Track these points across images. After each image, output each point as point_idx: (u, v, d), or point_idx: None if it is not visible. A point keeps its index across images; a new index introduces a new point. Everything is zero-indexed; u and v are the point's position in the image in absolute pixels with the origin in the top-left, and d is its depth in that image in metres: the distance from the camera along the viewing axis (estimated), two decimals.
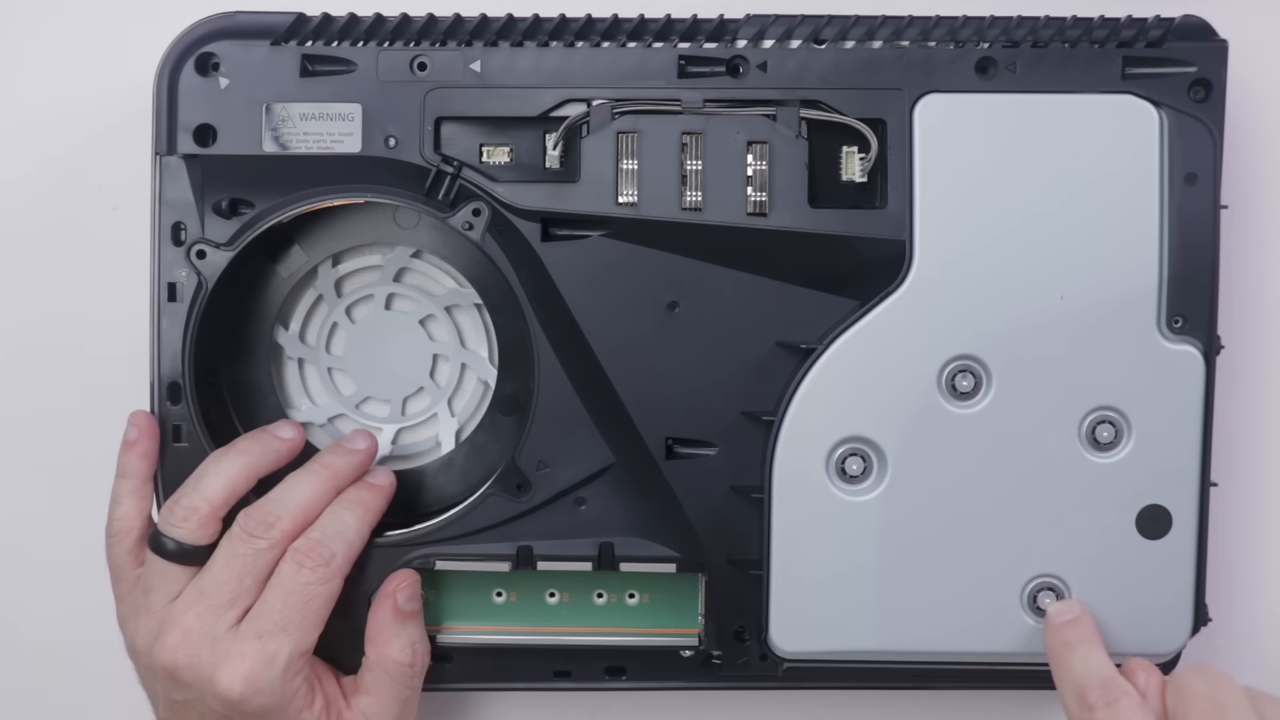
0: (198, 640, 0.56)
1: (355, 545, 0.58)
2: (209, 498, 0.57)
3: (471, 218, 0.59)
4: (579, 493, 0.61)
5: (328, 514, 0.58)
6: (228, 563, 0.57)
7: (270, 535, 0.57)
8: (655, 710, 0.66)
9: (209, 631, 0.56)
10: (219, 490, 0.57)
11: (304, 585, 0.57)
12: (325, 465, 0.59)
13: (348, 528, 0.58)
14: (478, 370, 0.64)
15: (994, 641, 0.59)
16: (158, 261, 0.60)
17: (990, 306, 0.58)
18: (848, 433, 0.59)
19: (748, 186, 0.59)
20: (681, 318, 0.60)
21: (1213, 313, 0.59)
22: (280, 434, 0.60)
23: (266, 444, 0.59)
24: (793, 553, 0.59)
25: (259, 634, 0.56)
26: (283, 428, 0.60)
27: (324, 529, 0.58)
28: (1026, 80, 0.58)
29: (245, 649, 0.56)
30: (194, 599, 0.57)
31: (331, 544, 0.57)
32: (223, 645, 0.56)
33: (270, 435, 0.59)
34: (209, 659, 0.56)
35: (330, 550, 0.57)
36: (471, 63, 0.59)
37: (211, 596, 0.56)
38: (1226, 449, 0.64)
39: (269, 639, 0.56)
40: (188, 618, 0.56)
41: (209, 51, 0.59)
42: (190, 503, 0.57)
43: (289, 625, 0.56)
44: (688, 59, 0.59)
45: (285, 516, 0.57)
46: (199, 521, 0.57)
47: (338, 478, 0.59)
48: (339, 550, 0.58)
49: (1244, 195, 0.64)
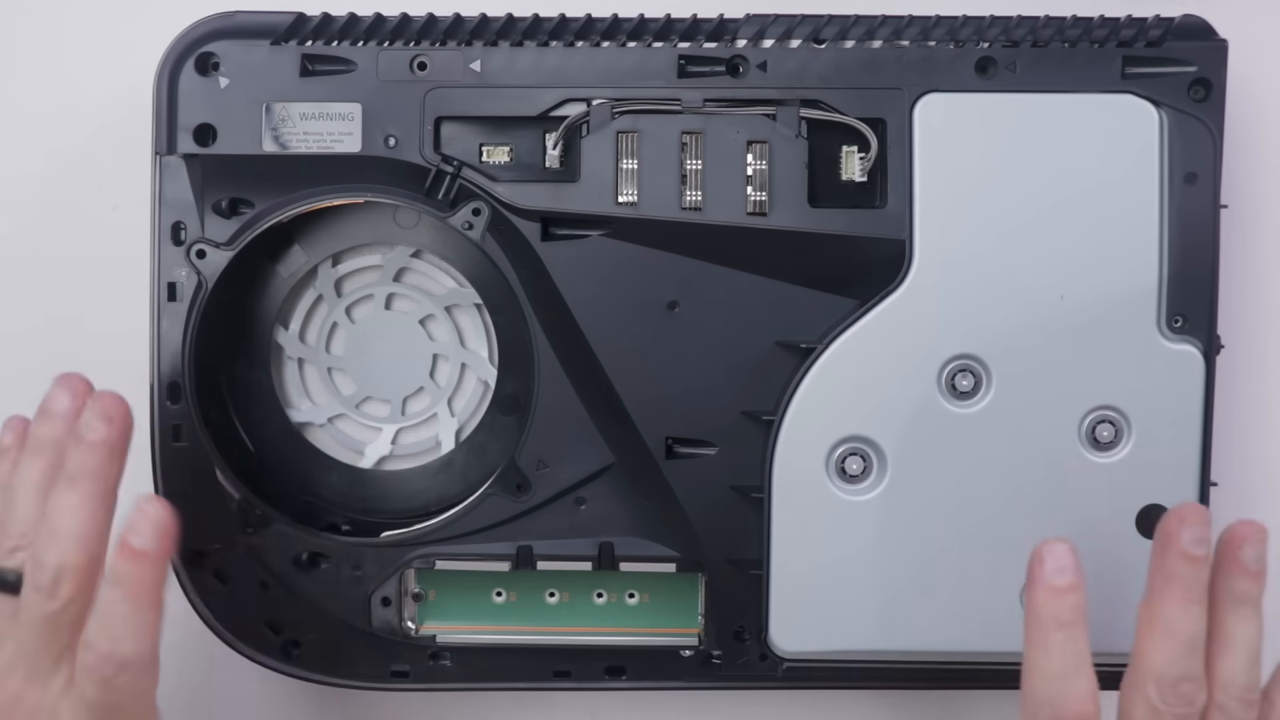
0: (31, 706, 0.51)
1: (140, 639, 0.49)
2: (33, 519, 0.51)
3: (471, 217, 0.59)
4: (579, 493, 0.61)
5: (100, 603, 0.49)
6: (31, 625, 0.50)
7: (58, 595, 0.50)
8: (655, 710, 0.66)
9: (41, 696, 0.51)
10: (39, 507, 0.51)
11: (102, 698, 0.50)
12: (76, 476, 0.50)
13: (124, 627, 0.49)
14: (478, 370, 0.64)
15: (994, 641, 0.59)
16: (158, 261, 0.60)
17: (990, 306, 0.58)
18: (848, 432, 0.59)
19: (748, 186, 0.59)
20: (681, 318, 0.60)
21: (1213, 313, 0.59)
22: (58, 408, 0.52)
23: (48, 432, 0.52)
24: (793, 552, 0.59)
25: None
26: (58, 396, 0.52)
27: (100, 632, 0.49)
28: (1026, 80, 0.58)
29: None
30: (16, 654, 0.51)
31: (114, 654, 0.49)
32: (62, 709, 0.51)
33: (50, 416, 0.52)
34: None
35: (114, 662, 0.49)
36: (471, 62, 0.59)
37: (32, 659, 0.51)
38: (1226, 449, 0.63)
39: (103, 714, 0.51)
40: (12, 683, 0.51)
41: (209, 51, 0.59)
42: (15, 530, 0.52)
43: (119, 706, 0.50)
44: (688, 59, 0.59)
45: (64, 569, 0.50)
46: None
47: (99, 482, 0.50)
48: (125, 658, 0.49)
49: (1244, 195, 0.64)
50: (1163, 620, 0.51)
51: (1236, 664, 0.52)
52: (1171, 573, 0.51)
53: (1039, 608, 0.51)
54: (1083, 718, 0.51)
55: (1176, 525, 0.51)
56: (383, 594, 0.61)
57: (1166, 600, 0.51)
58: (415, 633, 0.62)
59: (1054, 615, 0.51)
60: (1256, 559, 0.51)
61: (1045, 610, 0.51)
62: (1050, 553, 0.52)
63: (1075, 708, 0.51)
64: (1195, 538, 0.51)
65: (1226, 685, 0.52)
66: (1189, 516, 0.51)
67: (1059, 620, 0.51)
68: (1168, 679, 0.51)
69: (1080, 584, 0.51)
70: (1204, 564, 0.51)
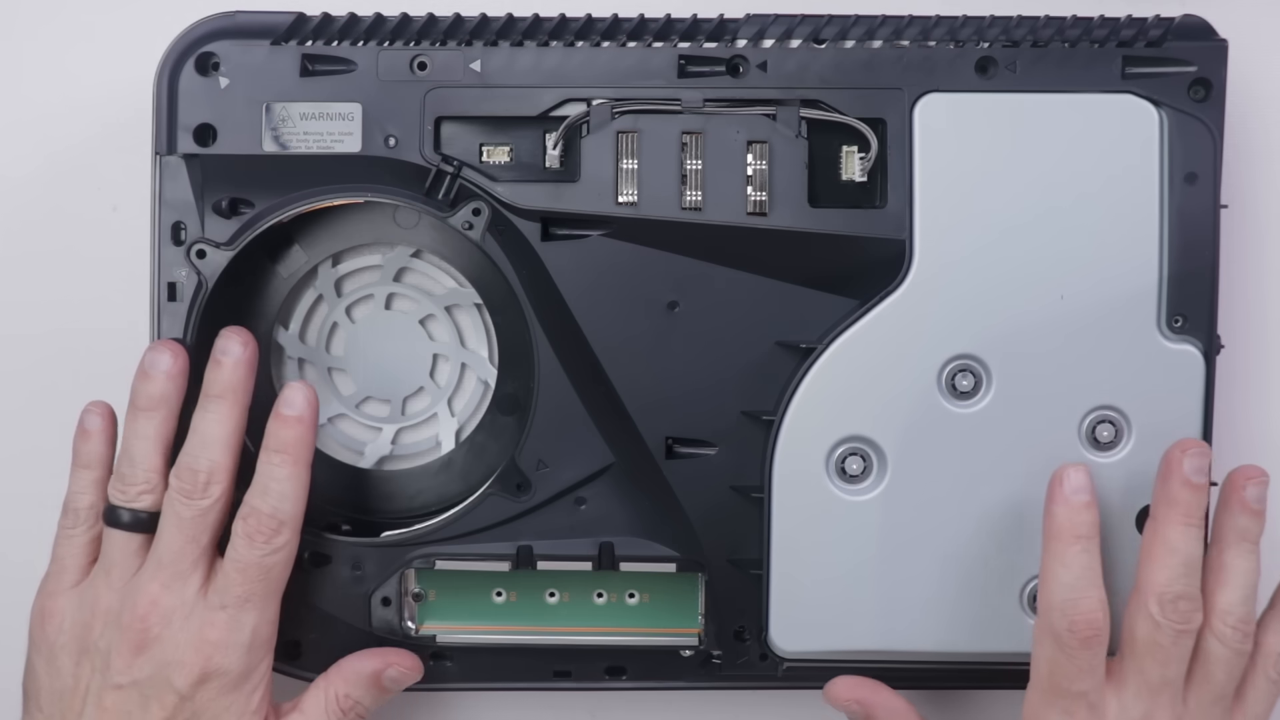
0: (168, 608, 0.56)
1: (301, 497, 0.58)
2: (151, 466, 0.57)
3: (471, 217, 0.59)
4: (579, 492, 0.61)
5: (261, 472, 0.57)
6: (177, 528, 0.57)
7: (210, 493, 0.57)
8: (655, 710, 0.66)
9: (179, 598, 0.56)
10: (153, 455, 0.57)
11: (261, 559, 0.57)
12: (220, 394, 0.57)
13: (285, 485, 0.57)
14: (478, 370, 0.64)
15: (994, 641, 0.59)
16: (158, 261, 0.60)
17: (990, 306, 0.58)
18: (848, 432, 0.59)
19: (748, 186, 0.59)
20: (681, 318, 0.60)
21: (1213, 312, 0.59)
22: (158, 369, 0.58)
23: (156, 389, 0.57)
24: (793, 552, 0.59)
25: (224, 606, 0.57)
26: (157, 359, 0.58)
27: (264, 495, 0.57)
28: (1026, 80, 0.58)
29: (214, 619, 0.56)
30: (155, 569, 0.57)
31: (277, 513, 0.57)
32: (196, 613, 0.56)
33: (152, 377, 0.58)
34: (181, 625, 0.56)
35: (278, 519, 0.57)
36: (471, 62, 0.59)
37: (172, 564, 0.57)
38: (1227, 449, 0.63)
39: (235, 611, 0.57)
40: (153, 587, 0.56)
41: (209, 51, 0.59)
42: (138, 477, 0.57)
43: (253, 597, 0.57)
44: (688, 59, 0.59)
45: (214, 468, 0.57)
46: (156, 492, 0.57)
47: (238, 396, 0.57)
48: (287, 514, 0.57)
49: (1244, 195, 0.65)
50: (1163, 541, 0.56)
51: (1233, 595, 0.56)
52: (1173, 498, 0.56)
53: (1058, 521, 0.56)
54: (1092, 624, 0.55)
55: (1179, 455, 0.56)
56: (383, 594, 0.61)
57: (1168, 523, 0.56)
58: (415, 633, 0.62)
59: (1072, 529, 0.56)
60: (1257, 498, 0.56)
61: (1064, 524, 0.56)
62: (1070, 474, 0.56)
63: (1087, 615, 0.55)
64: (1196, 467, 0.56)
65: (1224, 614, 0.56)
66: (1191, 447, 0.56)
67: (1076, 533, 0.56)
68: (1168, 595, 0.55)
69: (1095, 504, 0.56)
70: (1203, 491, 0.56)
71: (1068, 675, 0.55)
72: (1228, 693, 0.56)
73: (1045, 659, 0.56)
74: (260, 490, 0.57)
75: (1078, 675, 0.55)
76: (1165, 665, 0.55)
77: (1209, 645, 0.56)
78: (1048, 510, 0.56)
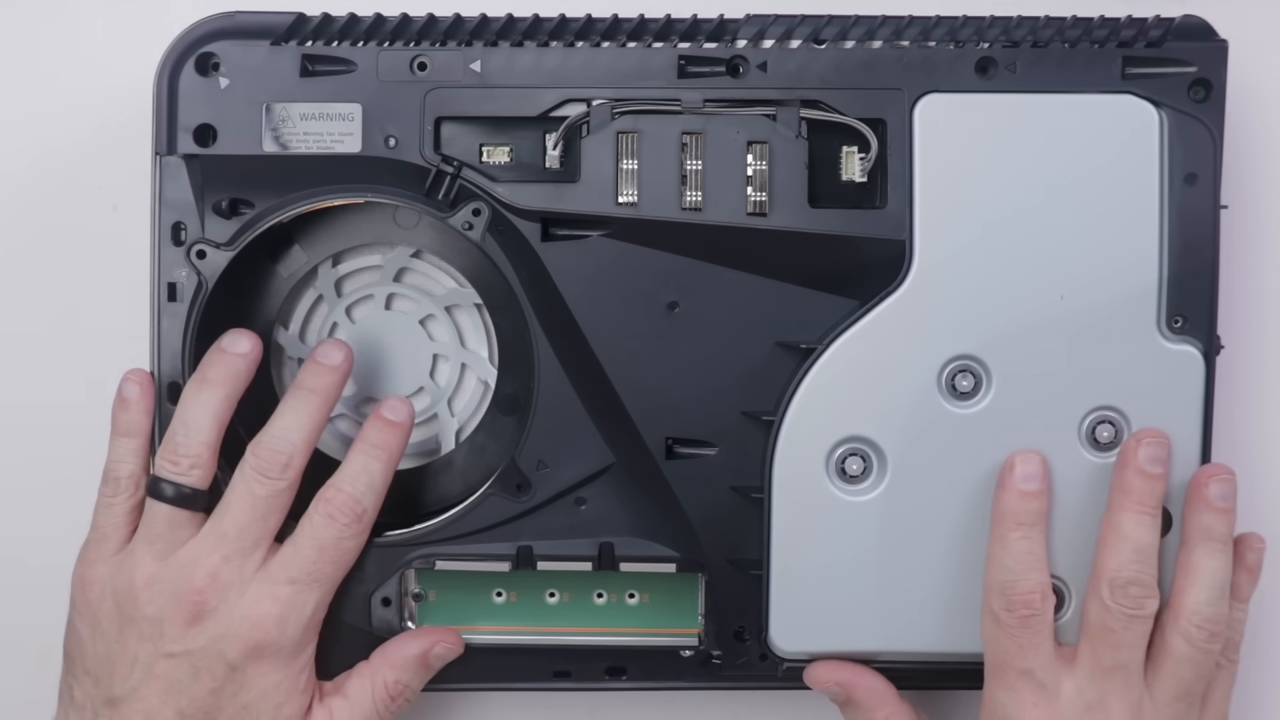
0: (226, 581, 0.57)
1: (382, 494, 0.59)
2: (205, 441, 0.58)
3: (471, 218, 0.59)
4: (579, 493, 0.61)
5: (354, 461, 0.59)
6: (249, 505, 0.57)
7: (287, 475, 0.57)
8: (655, 710, 0.66)
9: (237, 573, 0.57)
10: (210, 431, 0.58)
11: (338, 539, 0.58)
12: (314, 390, 0.59)
13: (375, 478, 0.59)
14: (478, 370, 0.64)
15: None
16: (158, 261, 0.60)
17: (990, 306, 0.58)
18: (848, 433, 0.59)
19: (748, 186, 0.59)
20: (681, 318, 0.60)
21: (1213, 313, 0.59)
22: (238, 349, 0.59)
23: (232, 366, 0.58)
24: (793, 553, 0.59)
25: (292, 580, 0.57)
26: (238, 341, 0.59)
27: (354, 481, 0.58)
28: (1026, 80, 0.58)
29: (277, 592, 0.57)
30: (217, 541, 0.57)
31: (363, 499, 0.58)
32: (253, 587, 0.57)
33: (230, 355, 0.58)
34: (237, 599, 0.57)
35: (362, 506, 0.58)
36: (471, 63, 0.59)
37: (236, 540, 0.57)
38: (1226, 449, 0.63)
39: (301, 587, 0.57)
40: (213, 560, 0.57)
41: (209, 51, 0.59)
42: (191, 450, 0.57)
43: (322, 576, 0.58)
44: (688, 59, 0.59)
45: (296, 453, 0.58)
46: (205, 468, 0.58)
47: (329, 398, 0.59)
48: (369, 504, 0.58)
49: (1244, 195, 0.65)
50: (1115, 528, 0.57)
51: (1200, 595, 0.56)
52: (1127, 487, 0.57)
53: (1003, 507, 0.57)
54: (1029, 605, 0.56)
55: (1135, 445, 0.57)
56: (383, 594, 0.61)
57: (1121, 510, 0.57)
58: None
59: (1014, 515, 0.57)
60: (1220, 495, 0.57)
61: (1008, 510, 0.57)
62: (1022, 460, 0.58)
63: (1024, 596, 0.56)
64: (1150, 456, 0.57)
65: (1190, 614, 0.56)
66: (1146, 437, 0.57)
67: (1018, 520, 0.57)
68: (1119, 580, 0.56)
69: (1044, 492, 0.57)
70: (1158, 481, 0.57)
71: (1008, 652, 0.56)
72: (1195, 690, 0.57)
73: (989, 637, 0.57)
74: (350, 476, 0.58)
75: (1019, 653, 0.56)
76: (1117, 649, 0.56)
77: (1175, 644, 0.56)
78: (995, 496, 0.58)
